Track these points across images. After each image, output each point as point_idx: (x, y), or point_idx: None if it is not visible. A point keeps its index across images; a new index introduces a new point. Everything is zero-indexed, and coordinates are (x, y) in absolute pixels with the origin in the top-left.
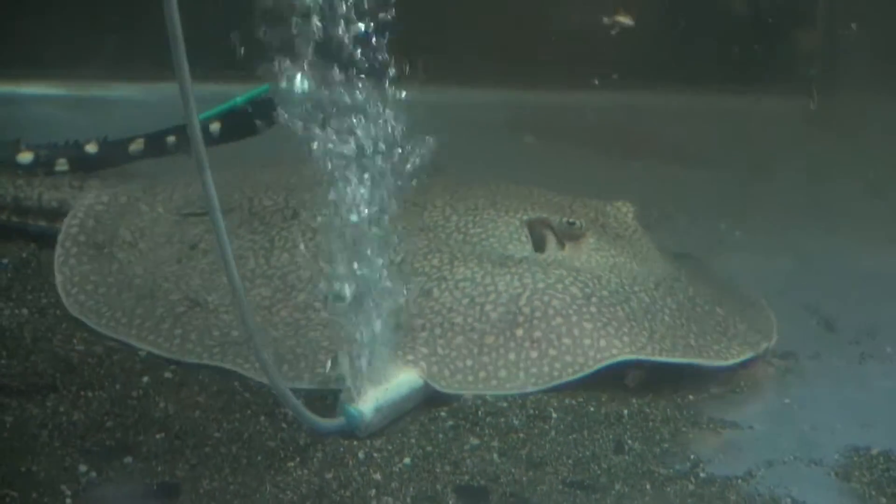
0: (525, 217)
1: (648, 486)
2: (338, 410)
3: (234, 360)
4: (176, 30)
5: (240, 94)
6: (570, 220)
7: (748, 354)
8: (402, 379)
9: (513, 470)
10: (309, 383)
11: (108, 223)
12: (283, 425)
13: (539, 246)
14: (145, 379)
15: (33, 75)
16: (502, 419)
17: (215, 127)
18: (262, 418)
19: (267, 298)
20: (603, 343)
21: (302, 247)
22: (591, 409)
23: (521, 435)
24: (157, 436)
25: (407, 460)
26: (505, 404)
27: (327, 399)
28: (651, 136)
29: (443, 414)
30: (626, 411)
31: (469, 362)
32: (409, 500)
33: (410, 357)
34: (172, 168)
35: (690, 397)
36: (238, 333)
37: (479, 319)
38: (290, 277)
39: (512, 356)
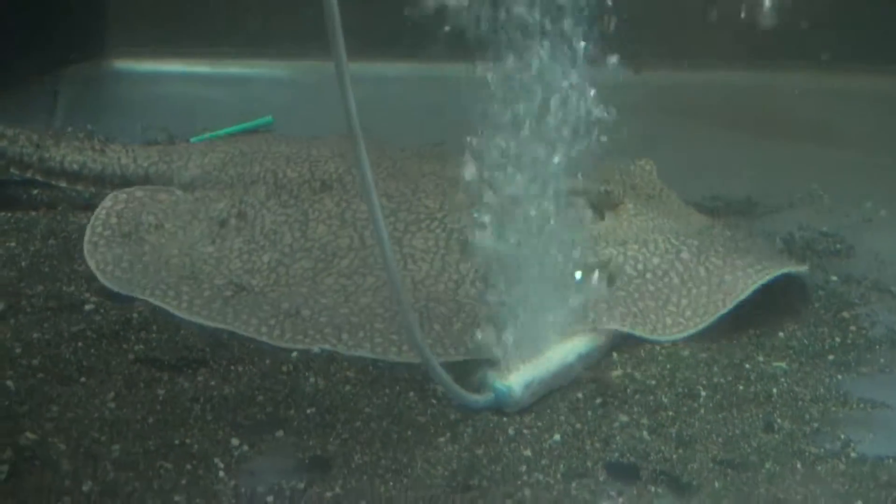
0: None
1: (799, 465)
2: (487, 385)
3: (293, 336)
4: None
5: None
6: (607, 188)
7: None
8: (554, 354)
9: (662, 448)
10: (371, 352)
11: (130, 216)
12: (433, 401)
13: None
14: (294, 354)
15: (174, 53)
16: (651, 397)
17: None
18: (412, 394)
19: (309, 270)
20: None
21: (343, 217)
22: (741, 387)
23: (671, 413)
24: (308, 410)
25: (557, 437)
26: (653, 382)
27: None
28: (790, 117)
29: (591, 391)
30: (774, 390)
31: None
32: (559, 476)
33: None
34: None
35: (839, 377)
36: (288, 306)
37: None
38: (329, 247)
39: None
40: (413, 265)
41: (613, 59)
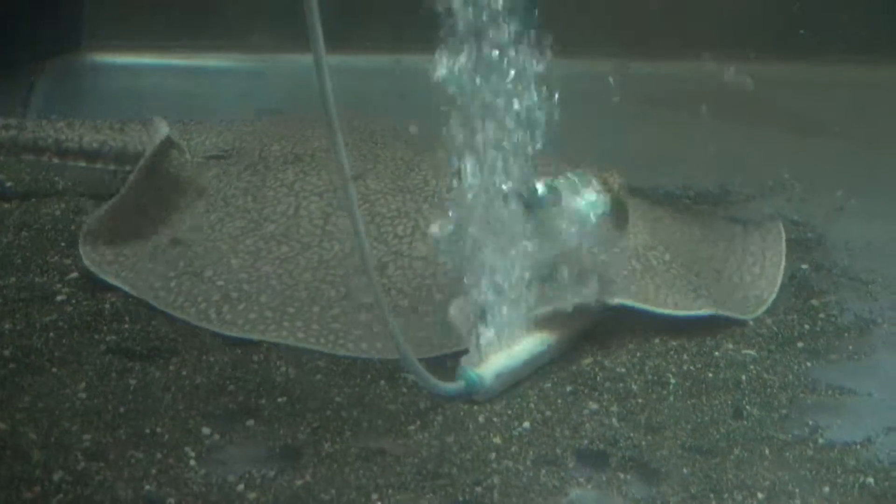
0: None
1: (767, 451)
2: (458, 374)
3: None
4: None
5: None
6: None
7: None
8: (524, 344)
9: (632, 434)
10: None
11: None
12: (404, 389)
13: None
14: (265, 343)
15: (151, 46)
16: (621, 384)
17: None
18: (382, 382)
19: (239, 229)
20: None
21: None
22: (710, 375)
23: (640, 400)
24: (279, 399)
25: (526, 424)
26: (623, 370)
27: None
28: (770, 107)
29: (561, 379)
30: (744, 377)
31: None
32: (529, 463)
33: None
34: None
35: (808, 364)
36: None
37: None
38: (265, 211)
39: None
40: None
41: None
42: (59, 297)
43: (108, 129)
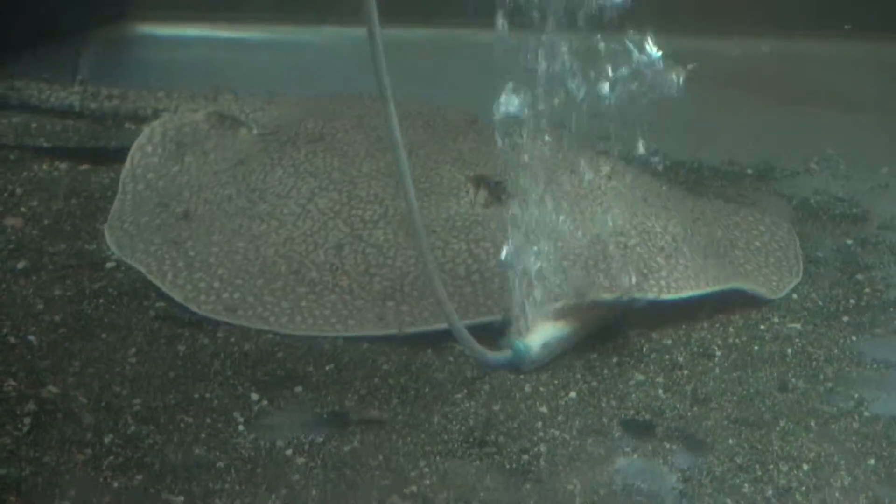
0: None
1: (813, 424)
2: (505, 344)
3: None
4: None
5: None
6: (499, 180)
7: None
8: (569, 316)
9: (678, 405)
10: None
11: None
12: (451, 358)
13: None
14: None
15: (196, 17)
16: (667, 356)
17: None
18: (430, 351)
19: (238, 207)
20: None
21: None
22: (756, 347)
23: (686, 372)
24: (327, 367)
25: (573, 394)
26: (669, 342)
27: None
28: (813, 84)
29: (607, 350)
30: (789, 350)
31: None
32: (575, 432)
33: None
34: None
35: (853, 338)
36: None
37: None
38: (268, 191)
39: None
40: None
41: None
42: (108, 265)
43: (202, 98)
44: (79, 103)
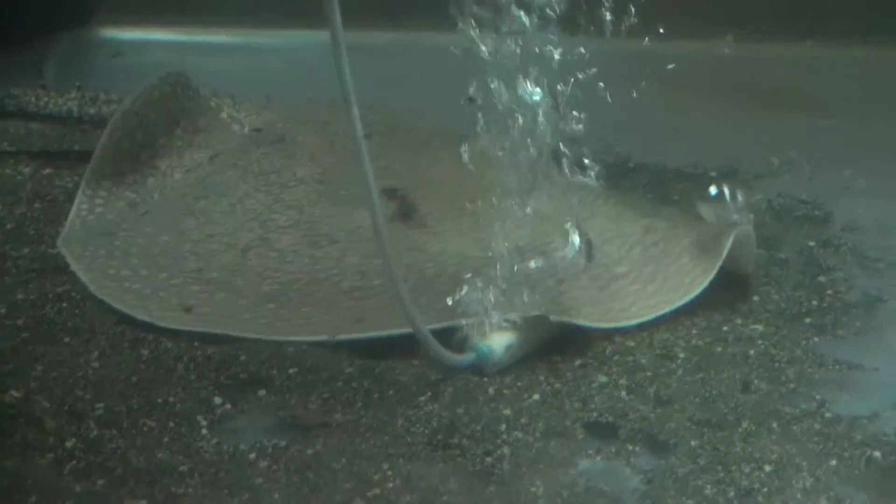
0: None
1: (775, 425)
2: (468, 346)
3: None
4: None
5: None
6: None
7: None
8: (533, 317)
9: (641, 407)
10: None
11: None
12: (414, 361)
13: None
14: None
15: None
16: (630, 358)
17: None
18: (393, 354)
19: (184, 206)
20: None
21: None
22: (719, 349)
23: (649, 373)
24: (290, 370)
25: (536, 396)
26: (632, 343)
27: None
28: (777, 88)
29: (570, 352)
30: (751, 352)
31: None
32: (538, 434)
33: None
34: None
35: (816, 340)
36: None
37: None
38: (212, 191)
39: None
40: None
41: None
42: (71, 268)
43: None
44: (77, 109)
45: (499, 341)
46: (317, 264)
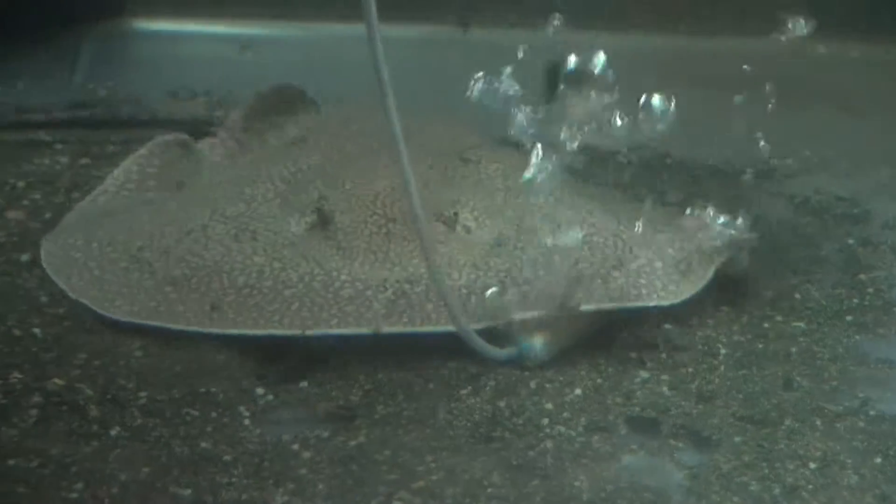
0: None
1: (818, 422)
2: (511, 340)
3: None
4: None
5: None
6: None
7: None
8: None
9: (683, 403)
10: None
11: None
12: (456, 354)
13: None
14: None
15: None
16: (671, 354)
17: None
18: (435, 347)
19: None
20: None
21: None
22: (760, 346)
23: (691, 370)
24: (331, 362)
25: (578, 391)
26: (673, 340)
27: None
28: (809, 84)
29: (610, 348)
30: (793, 349)
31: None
32: (581, 429)
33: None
34: None
35: (857, 338)
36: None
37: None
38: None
39: None
40: None
41: None
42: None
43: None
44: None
45: (541, 335)
46: (228, 255)
